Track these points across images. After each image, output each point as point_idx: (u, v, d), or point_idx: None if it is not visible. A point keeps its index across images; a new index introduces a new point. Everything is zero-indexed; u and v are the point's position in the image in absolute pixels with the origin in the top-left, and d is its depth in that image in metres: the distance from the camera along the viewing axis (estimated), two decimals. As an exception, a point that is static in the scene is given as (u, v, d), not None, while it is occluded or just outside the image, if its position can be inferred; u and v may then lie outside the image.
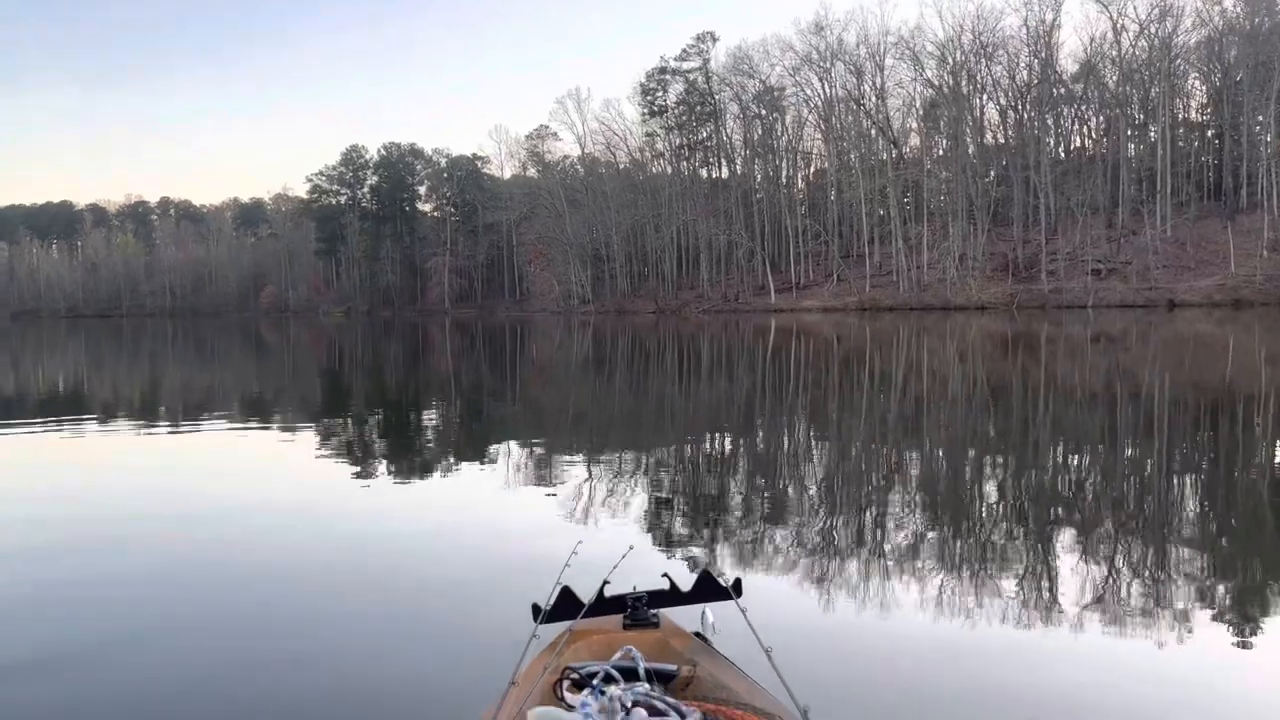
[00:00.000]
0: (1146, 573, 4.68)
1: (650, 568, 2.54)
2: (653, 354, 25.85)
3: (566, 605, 2.29)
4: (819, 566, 4.68)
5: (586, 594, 2.31)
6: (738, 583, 2.43)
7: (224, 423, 12.31)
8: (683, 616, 2.38)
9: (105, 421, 12.28)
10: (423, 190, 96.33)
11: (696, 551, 4.94)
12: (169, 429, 11.79)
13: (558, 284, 71.07)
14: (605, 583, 2.34)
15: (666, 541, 5.23)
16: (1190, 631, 3.77)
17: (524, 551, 4.99)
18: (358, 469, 8.36)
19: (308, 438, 10.60)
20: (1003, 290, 49.98)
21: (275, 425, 11.94)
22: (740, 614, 2.21)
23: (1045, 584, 4.41)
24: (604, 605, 2.30)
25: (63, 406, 14.73)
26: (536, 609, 2.30)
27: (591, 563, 2.54)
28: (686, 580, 2.41)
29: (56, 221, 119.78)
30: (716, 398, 14.10)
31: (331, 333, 48.41)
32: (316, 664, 3.49)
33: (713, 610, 2.33)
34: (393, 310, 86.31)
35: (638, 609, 2.28)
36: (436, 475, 7.99)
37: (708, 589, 2.41)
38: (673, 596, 2.37)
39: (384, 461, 8.85)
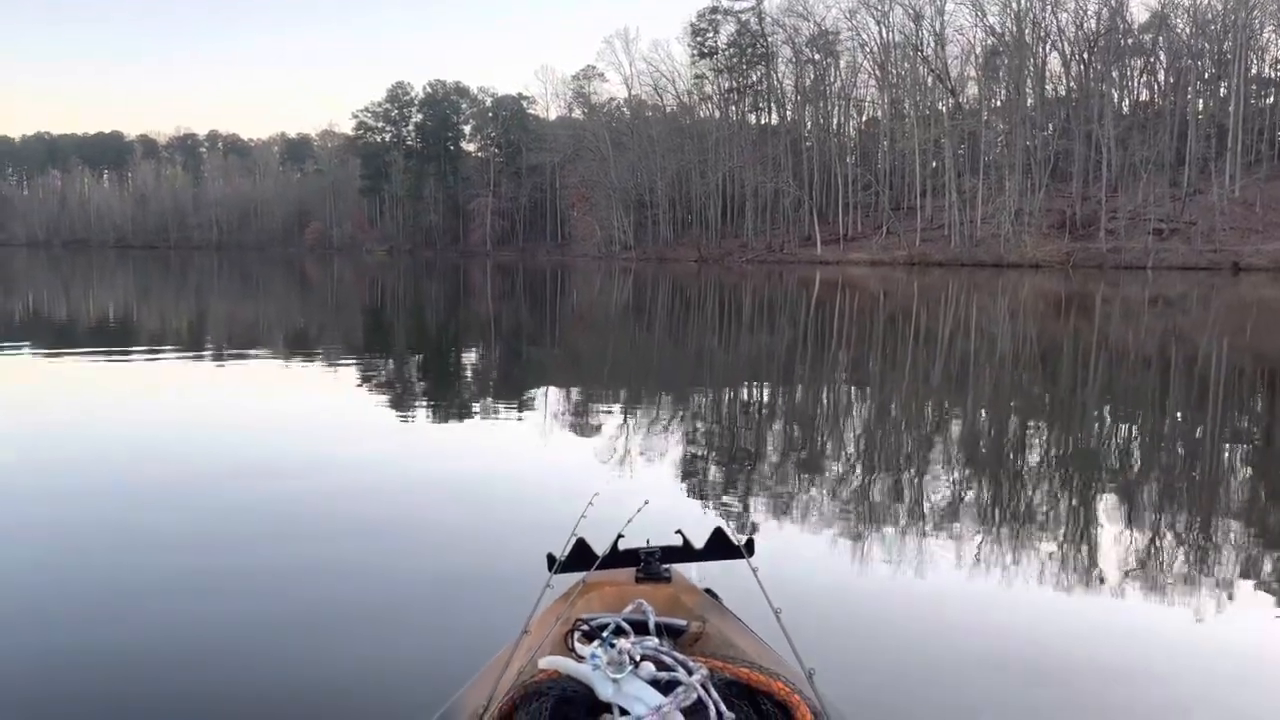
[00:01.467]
0: (1185, 543, 4.56)
1: (665, 523, 2.50)
2: (693, 303, 25.60)
3: (580, 557, 2.32)
4: (836, 529, 4.63)
5: (601, 546, 2.33)
6: (750, 542, 2.44)
7: (266, 356, 12.49)
8: (695, 573, 2.43)
9: (152, 350, 12.58)
10: (467, 130, 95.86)
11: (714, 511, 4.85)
12: (213, 359, 12.00)
13: (600, 229, 70.56)
14: (619, 536, 2.36)
15: (684, 497, 5.16)
16: (1231, 600, 3.73)
17: (543, 500, 4.98)
18: (391, 409, 8.42)
19: (346, 375, 10.68)
20: (1058, 248, 48.43)
21: (315, 361, 12.07)
22: (751, 573, 2.22)
23: (1072, 552, 4.30)
24: (617, 558, 2.33)
25: (113, 334, 15.06)
26: (551, 559, 2.33)
27: (607, 515, 2.58)
28: (700, 537, 2.43)
29: (107, 152, 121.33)
30: (755, 351, 13.89)
31: (374, 271, 48.77)
32: (332, 604, 3.50)
33: (724, 568, 2.40)
34: (435, 250, 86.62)
35: (650, 563, 2.30)
36: (467, 418, 7.99)
37: (720, 547, 2.43)
38: (685, 552, 2.39)
39: (418, 402, 8.90)
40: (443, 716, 1.66)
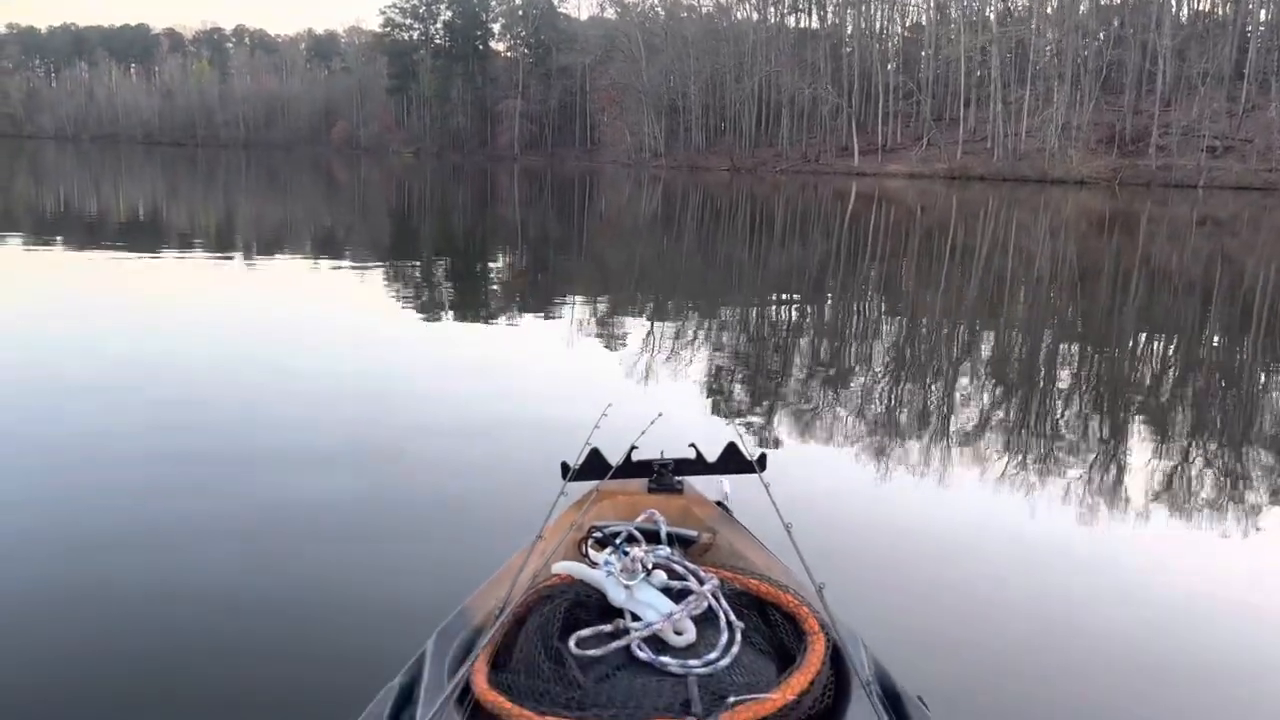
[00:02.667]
0: (1214, 468, 4.45)
1: (679, 435, 2.50)
2: (723, 214, 25.14)
3: (594, 466, 2.34)
4: (850, 447, 4.59)
5: (615, 456, 2.35)
6: (763, 457, 2.45)
7: (292, 258, 12.64)
8: (707, 486, 2.43)
9: (182, 249, 12.73)
10: (496, 28, 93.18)
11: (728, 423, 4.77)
12: (242, 259, 12.11)
13: (630, 134, 68.99)
14: (633, 447, 2.39)
15: (699, 410, 5.13)
16: (1258, 528, 3.71)
17: (559, 409, 4.94)
18: (412, 314, 8.42)
19: (369, 279, 10.67)
20: (1106, 165, 46.63)
21: (338, 264, 12.05)
22: (764, 488, 2.24)
23: (1095, 476, 4.22)
24: (630, 468, 2.35)
25: (143, 232, 15.17)
26: (565, 467, 2.35)
27: (622, 426, 2.57)
28: (713, 450, 2.43)
29: (134, 45, 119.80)
30: (784, 265, 13.65)
31: (400, 174, 48.36)
32: (349, 507, 3.52)
33: (735, 482, 2.40)
34: (461, 154, 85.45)
35: (663, 474, 2.32)
36: (487, 326, 7.96)
37: (733, 460, 2.44)
38: (698, 465, 2.42)
39: (439, 308, 8.90)
40: (458, 618, 1.67)
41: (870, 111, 60.28)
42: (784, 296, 10.44)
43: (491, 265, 12.90)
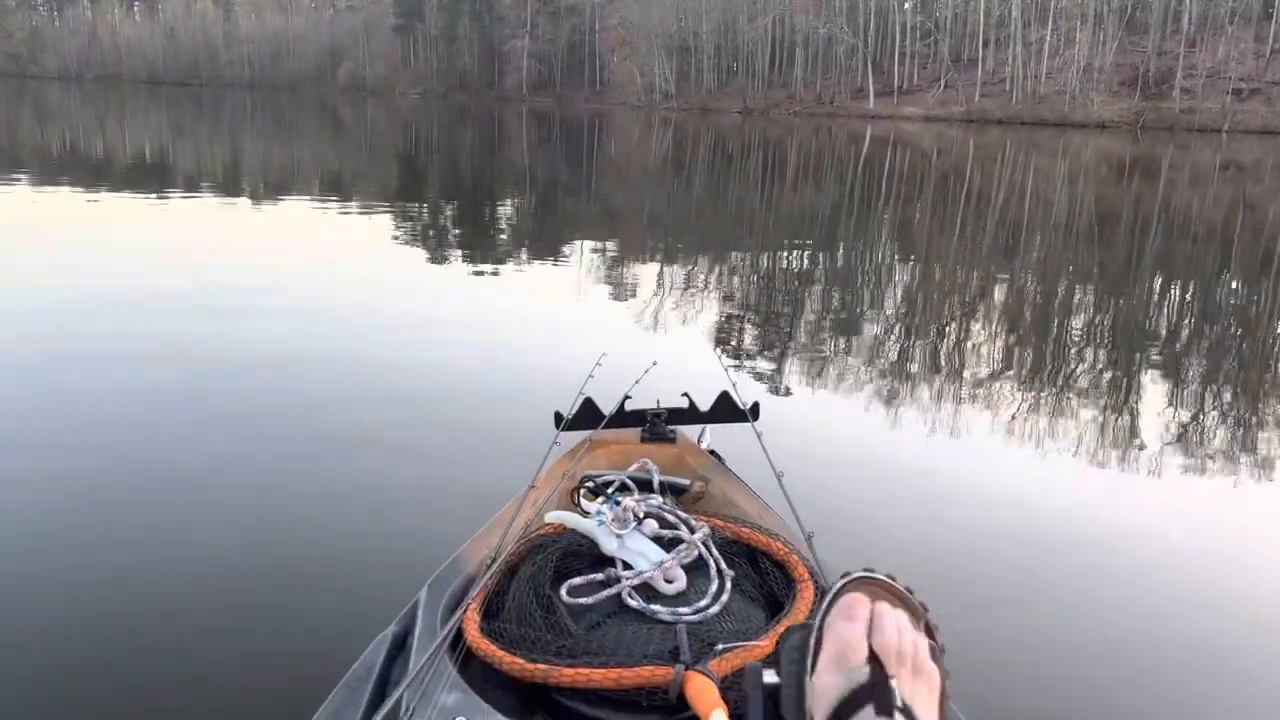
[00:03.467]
0: (1225, 420, 4.38)
1: (673, 385, 2.48)
2: (735, 158, 24.72)
3: (587, 415, 2.33)
4: (843, 397, 4.59)
5: (608, 406, 2.34)
6: (755, 406, 2.44)
7: (296, 200, 12.64)
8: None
9: (188, 190, 12.84)
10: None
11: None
12: (249, 201, 12.22)
13: (640, 76, 67.69)
14: (626, 397, 2.38)
15: (692, 359, 5.13)
16: (1268, 476, 3.68)
17: (553, 359, 4.93)
18: (412, 259, 8.34)
19: (372, 223, 10.58)
20: (1128, 108, 45.57)
21: (342, 208, 11.96)
22: (756, 437, 2.22)
23: (1088, 425, 4.19)
24: (624, 418, 2.35)
25: (149, 173, 15.18)
26: (559, 416, 2.34)
27: (615, 375, 2.56)
28: (706, 400, 2.42)
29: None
30: (796, 210, 13.41)
31: (407, 115, 47.68)
32: (342, 455, 3.52)
33: (728, 431, 2.44)
34: (469, 95, 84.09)
35: (656, 424, 2.32)
36: (487, 272, 7.85)
37: (726, 409, 2.43)
38: (691, 414, 2.41)
39: (440, 253, 8.81)
40: (450, 567, 1.66)
41: (886, 52, 58.84)
42: (792, 244, 10.26)
43: (496, 211, 12.72)
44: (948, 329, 6.22)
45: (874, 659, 0.72)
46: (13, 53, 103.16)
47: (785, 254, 9.43)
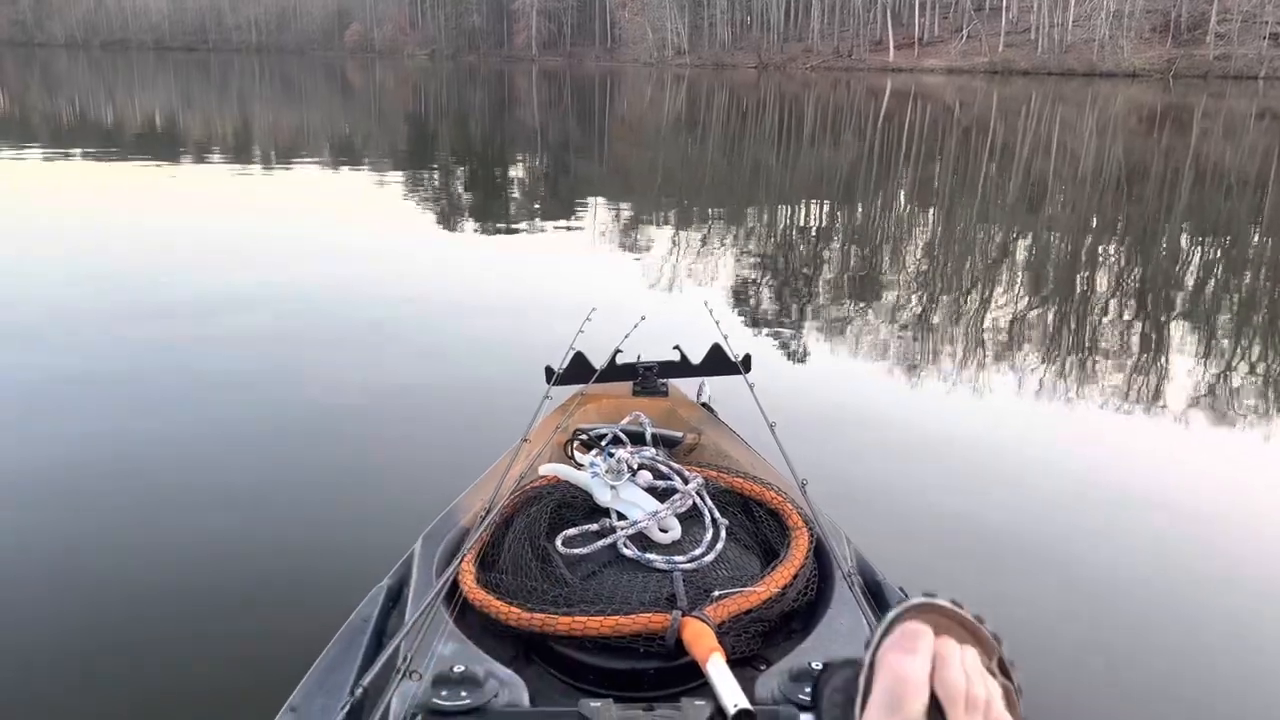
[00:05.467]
0: (1226, 379, 4.24)
1: (664, 338, 2.48)
2: (750, 115, 24.03)
3: (578, 370, 2.32)
4: (834, 347, 4.65)
5: (600, 360, 2.33)
6: (747, 358, 2.42)
7: (307, 163, 12.82)
8: (694, 388, 2.49)
9: (199, 156, 13.01)
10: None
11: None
12: (259, 167, 12.38)
13: (651, 32, 66.26)
14: (617, 350, 2.37)
15: (683, 313, 5.00)
16: (1268, 438, 3.59)
17: (545, 314, 4.89)
18: (415, 220, 8.30)
19: (381, 185, 10.75)
20: (1159, 55, 43.96)
21: (355, 170, 12.19)
22: (748, 389, 2.23)
23: (1070, 377, 4.21)
24: (615, 372, 2.34)
25: (160, 141, 15.43)
26: (550, 371, 2.32)
27: (606, 330, 2.55)
28: (698, 353, 2.42)
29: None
30: (810, 168, 13.14)
31: (416, 77, 47.13)
32: (338, 410, 3.55)
33: (721, 383, 2.45)
34: (478, 55, 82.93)
35: (647, 377, 2.32)
36: (488, 232, 7.88)
37: (717, 362, 2.42)
38: (682, 367, 2.41)
39: (445, 215, 9.00)
40: (444, 520, 1.67)
41: (906, 2, 57.09)
42: (802, 203, 10.14)
43: (502, 173, 12.55)
44: (938, 284, 6.18)
45: (936, 705, 0.60)
46: (18, 20, 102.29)
47: (792, 212, 9.34)
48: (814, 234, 8.04)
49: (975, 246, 7.64)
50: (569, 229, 7.88)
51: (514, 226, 8.01)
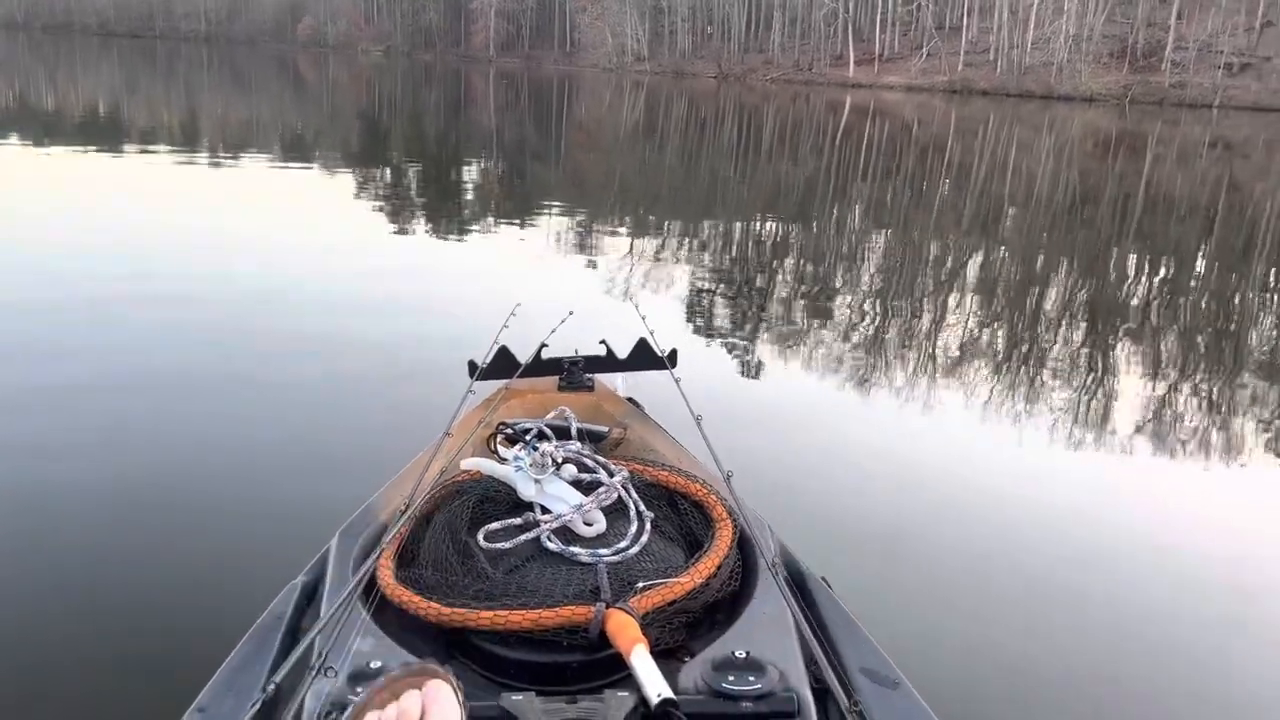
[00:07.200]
0: (1190, 408, 4.21)
1: (590, 334, 2.43)
2: (709, 124, 23.67)
3: (503, 364, 2.32)
4: (758, 343, 4.74)
5: (524, 356, 2.32)
6: (673, 353, 2.44)
7: (250, 159, 12.39)
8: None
9: (143, 147, 12.59)
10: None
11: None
12: (203, 159, 11.95)
13: (611, 37, 65.81)
14: (543, 345, 2.37)
15: (610, 309, 5.02)
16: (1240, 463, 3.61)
17: (468, 310, 4.82)
18: (354, 216, 8.20)
19: (324, 184, 10.55)
20: (1116, 80, 44.49)
21: (303, 168, 11.87)
22: (674, 383, 2.23)
23: (991, 376, 4.30)
24: (540, 366, 2.34)
25: (103, 129, 15.04)
26: (473, 366, 2.32)
27: (532, 325, 2.51)
28: (624, 348, 2.42)
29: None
30: (767, 180, 13.08)
31: (370, 74, 46.13)
32: (254, 403, 3.47)
33: (646, 378, 2.47)
34: (434, 53, 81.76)
35: (573, 372, 2.32)
36: (421, 231, 7.84)
37: (643, 357, 2.43)
38: (609, 362, 2.41)
39: (383, 213, 8.63)
40: (362, 515, 1.63)
41: (868, 18, 57.42)
42: (754, 212, 10.18)
43: (455, 174, 12.29)
44: (875, 291, 6.27)
45: None
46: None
47: (736, 221, 9.35)
48: (753, 242, 8.16)
49: (918, 258, 7.81)
50: (506, 230, 7.92)
51: (452, 227, 7.99)
